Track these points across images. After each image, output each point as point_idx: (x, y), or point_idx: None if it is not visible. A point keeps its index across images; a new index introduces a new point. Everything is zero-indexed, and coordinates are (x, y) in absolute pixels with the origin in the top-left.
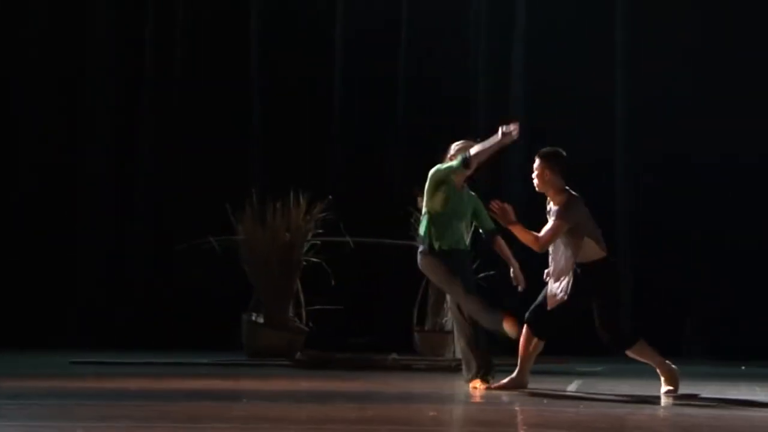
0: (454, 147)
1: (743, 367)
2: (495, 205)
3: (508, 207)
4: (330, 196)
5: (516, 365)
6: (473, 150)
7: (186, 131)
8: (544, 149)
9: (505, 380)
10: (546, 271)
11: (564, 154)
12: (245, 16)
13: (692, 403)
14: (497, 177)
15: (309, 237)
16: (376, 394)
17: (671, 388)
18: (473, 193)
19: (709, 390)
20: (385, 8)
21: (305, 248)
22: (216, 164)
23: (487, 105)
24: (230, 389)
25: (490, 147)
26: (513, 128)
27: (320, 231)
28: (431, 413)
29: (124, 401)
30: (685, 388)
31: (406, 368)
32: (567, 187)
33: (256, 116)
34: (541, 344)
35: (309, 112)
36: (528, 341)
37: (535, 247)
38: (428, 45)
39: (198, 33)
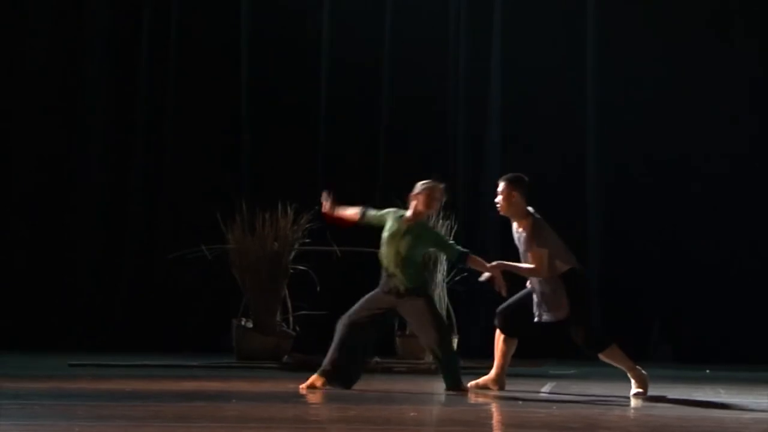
0: (419, 186)
1: (707, 371)
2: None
3: (497, 275)
4: (316, 207)
5: (490, 368)
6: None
7: (179, 145)
8: (509, 174)
9: (481, 380)
10: None
11: (527, 179)
12: (236, 31)
13: (660, 404)
14: (474, 202)
15: (296, 246)
16: (358, 395)
17: (641, 391)
18: (427, 229)
19: (675, 392)
20: (370, 26)
21: (292, 256)
22: (207, 176)
23: (466, 118)
24: (221, 390)
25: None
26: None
27: (307, 240)
28: (411, 413)
29: (120, 401)
30: (653, 391)
31: (388, 371)
32: (530, 209)
33: (246, 132)
34: (515, 343)
35: (297, 128)
36: (502, 341)
37: (537, 276)
38: (411, 61)
39: (190, 47)
